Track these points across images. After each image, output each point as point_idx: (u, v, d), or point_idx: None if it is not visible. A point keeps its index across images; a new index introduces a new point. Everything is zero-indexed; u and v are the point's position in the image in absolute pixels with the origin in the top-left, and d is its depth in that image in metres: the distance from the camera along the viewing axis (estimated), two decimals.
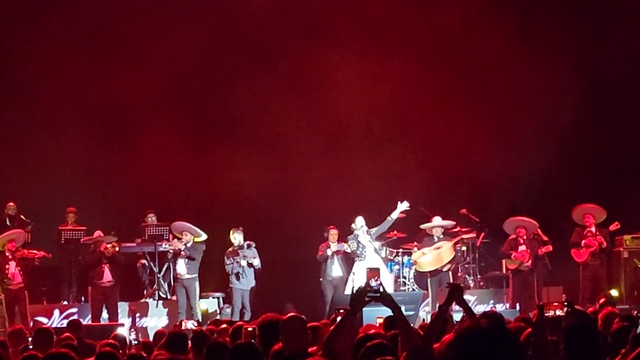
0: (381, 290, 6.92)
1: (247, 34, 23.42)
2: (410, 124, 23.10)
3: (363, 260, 19.24)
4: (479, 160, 21.96)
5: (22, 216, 20.70)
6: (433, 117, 23.11)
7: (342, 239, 19.93)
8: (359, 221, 19.54)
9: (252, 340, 7.68)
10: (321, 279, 20.05)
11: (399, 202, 19.59)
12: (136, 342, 11.74)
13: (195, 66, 23.51)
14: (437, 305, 19.31)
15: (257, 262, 19.76)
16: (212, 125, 23.37)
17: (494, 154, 21.91)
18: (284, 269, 21.55)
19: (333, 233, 20.00)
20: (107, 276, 19.47)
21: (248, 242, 19.86)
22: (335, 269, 19.92)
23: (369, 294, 6.90)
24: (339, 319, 7.57)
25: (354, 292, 7.03)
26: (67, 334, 11.48)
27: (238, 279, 19.67)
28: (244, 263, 19.65)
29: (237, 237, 19.79)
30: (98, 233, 19.87)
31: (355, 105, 23.16)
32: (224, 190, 22.47)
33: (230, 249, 19.82)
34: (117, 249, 19.71)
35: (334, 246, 19.90)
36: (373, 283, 6.89)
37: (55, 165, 22.49)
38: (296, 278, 21.68)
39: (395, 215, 19.55)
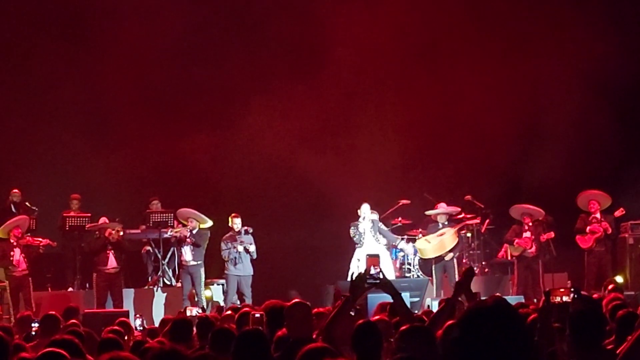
0: (381, 277, 6.90)
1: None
2: (414, 109, 23.04)
3: (361, 247, 19.27)
4: (485, 146, 21.92)
5: (27, 203, 20.66)
6: (438, 102, 23.07)
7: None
8: (364, 208, 19.50)
9: (259, 327, 7.65)
10: None
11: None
12: (142, 328, 11.73)
13: (185, 47, 23.42)
14: (442, 292, 19.41)
15: (253, 248, 19.72)
16: (212, 109, 23.25)
17: (500, 140, 21.86)
18: (288, 255, 21.48)
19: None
20: (112, 263, 19.46)
21: (246, 227, 19.85)
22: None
23: (368, 281, 6.89)
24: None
25: (354, 279, 7.02)
26: (73, 320, 11.48)
27: (235, 265, 19.67)
28: (240, 249, 19.63)
29: (237, 222, 19.79)
30: (103, 220, 19.87)
31: (359, 90, 23.14)
32: (227, 175, 22.48)
33: (228, 234, 19.83)
34: (121, 233, 19.71)
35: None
36: (373, 271, 6.88)
37: (59, 152, 22.52)
38: (300, 264, 21.64)
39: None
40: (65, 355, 6.16)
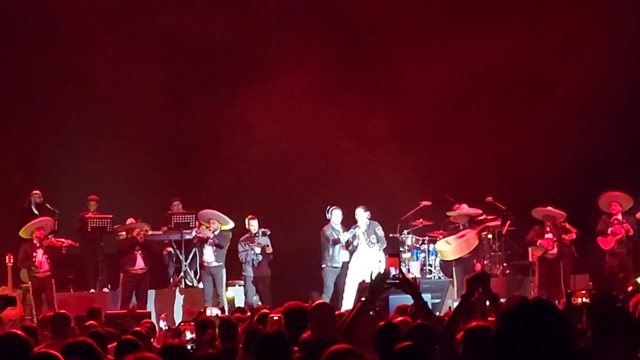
0: (400, 277, 6.91)
1: None
2: (435, 110, 23.00)
3: (356, 252, 19.45)
4: (506, 146, 21.88)
5: (48, 205, 20.72)
6: (457, 105, 23.05)
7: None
8: (358, 212, 19.57)
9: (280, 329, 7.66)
10: (325, 266, 19.94)
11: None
12: (166, 328, 11.79)
13: (195, 46, 23.50)
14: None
15: (269, 250, 19.80)
16: (228, 108, 23.21)
17: (521, 141, 21.83)
18: (310, 256, 21.45)
19: (337, 214, 19.94)
20: (140, 263, 19.51)
21: (263, 229, 19.91)
22: (343, 255, 19.91)
23: (388, 281, 6.89)
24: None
25: (373, 279, 7.02)
26: (91, 322, 11.52)
27: (252, 266, 19.75)
28: (257, 250, 19.71)
29: (253, 224, 19.85)
30: (130, 220, 19.94)
31: (380, 94, 23.10)
32: (247, 177, 22.49)
33: (245, 236, 19.89)
34: (150, 232, 19.78)
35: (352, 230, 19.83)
36: (393, 271, 6.87)
37: (80, 155, 22.59)
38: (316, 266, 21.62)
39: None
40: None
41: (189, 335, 9.59)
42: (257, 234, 19.84)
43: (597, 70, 21.56)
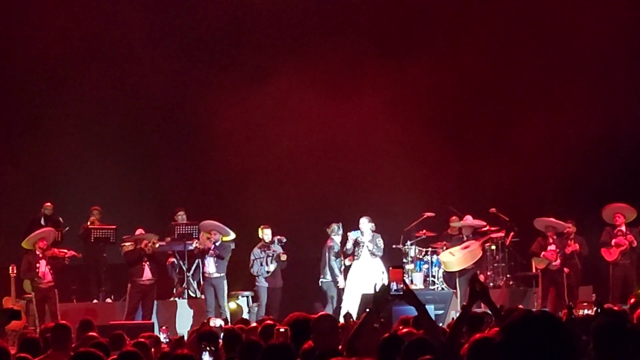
0: (404, 288, 6.90)
1: None
2: (438, 121, 23.01)
3: (359, 259, 19.53)
4: (509, 158, 21.88)
5: (60, 219, 20.74)
6: (463, 113, 23.06)
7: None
8: (362, 222, 19.61)
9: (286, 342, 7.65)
10: (326, 280, 19.97)
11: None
12: (167, 340, 11.76)
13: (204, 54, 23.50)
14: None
15: (283, 258, 19.82)
16: (235, 114, 23.23)
17: (525, 152, 21.83)
18: (312, 267, 21.46)
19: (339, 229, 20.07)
20: (147, 274, 19.48)
21: (279, 237, 19.91)
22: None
23: (392, 293, 6.87)
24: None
25: (377, 291, 7.00)
26: (92, 333, 11.47)
27: (266, 277, 19.75)
28: (272, 268, 19.73)
29: (267, 233, 19.86)
30: (140, 231, 19.94)
31: (385, 104, 23.11)
32: (251, 188, 22.50)
33: (260, 244, 19.88)
34: (157, 245, 19.78)
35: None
36: (396, 286, 6.85)
37: (85, 166, 22.62)
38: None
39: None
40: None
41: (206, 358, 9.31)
42: (273, 241, 19.86)
43: (600, 77, 21.60)
